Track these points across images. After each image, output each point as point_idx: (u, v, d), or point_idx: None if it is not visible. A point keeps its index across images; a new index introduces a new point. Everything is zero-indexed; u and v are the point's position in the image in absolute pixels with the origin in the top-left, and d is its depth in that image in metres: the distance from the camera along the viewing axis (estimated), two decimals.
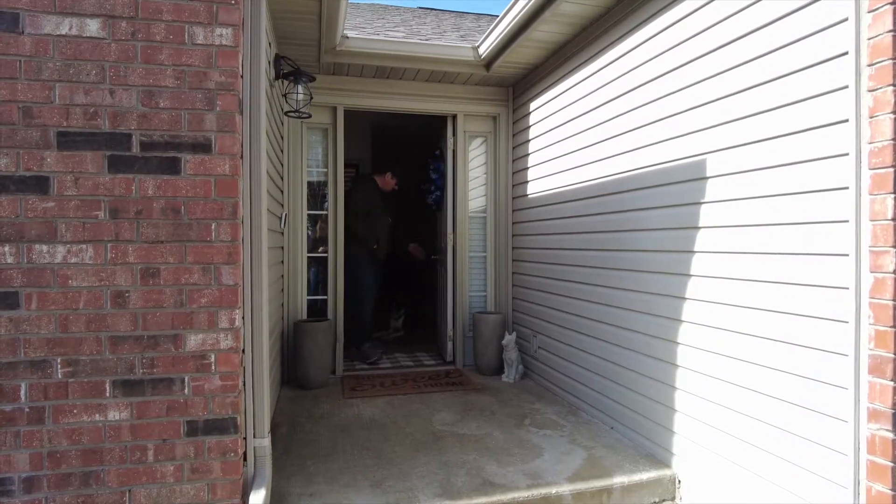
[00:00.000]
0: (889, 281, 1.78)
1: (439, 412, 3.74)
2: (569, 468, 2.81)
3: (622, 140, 3.25)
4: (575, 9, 3.41)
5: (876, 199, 1.82)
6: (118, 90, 2.10)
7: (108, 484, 2.10)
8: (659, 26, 2.92)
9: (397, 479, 2.68)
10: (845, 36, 1.91)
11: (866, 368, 1.86)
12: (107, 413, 2.10)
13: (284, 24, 3.63)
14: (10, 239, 2.02)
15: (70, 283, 2.07)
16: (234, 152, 2.19)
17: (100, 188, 2.09)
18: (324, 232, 4.92)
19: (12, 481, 2.03)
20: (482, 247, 5.22)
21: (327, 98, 4.68)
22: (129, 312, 2.11)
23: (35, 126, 2.03)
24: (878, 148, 1.81)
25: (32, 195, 2.04)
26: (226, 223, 2.18)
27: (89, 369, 2.09)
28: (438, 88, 4.94)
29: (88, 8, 2.06)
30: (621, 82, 3.26)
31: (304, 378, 4.32)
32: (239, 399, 2.23)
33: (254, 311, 2.37)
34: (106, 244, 2.10)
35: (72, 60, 2.06)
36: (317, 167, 4.90)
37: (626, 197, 3.20)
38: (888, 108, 1.78)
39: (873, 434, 1.84)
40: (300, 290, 4.70)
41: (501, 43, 4.10)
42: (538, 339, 4.46)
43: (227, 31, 2.18)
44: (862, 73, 1.86)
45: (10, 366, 2.03)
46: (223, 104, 2.17)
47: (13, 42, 2.01)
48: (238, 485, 2.21)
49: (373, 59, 4.38)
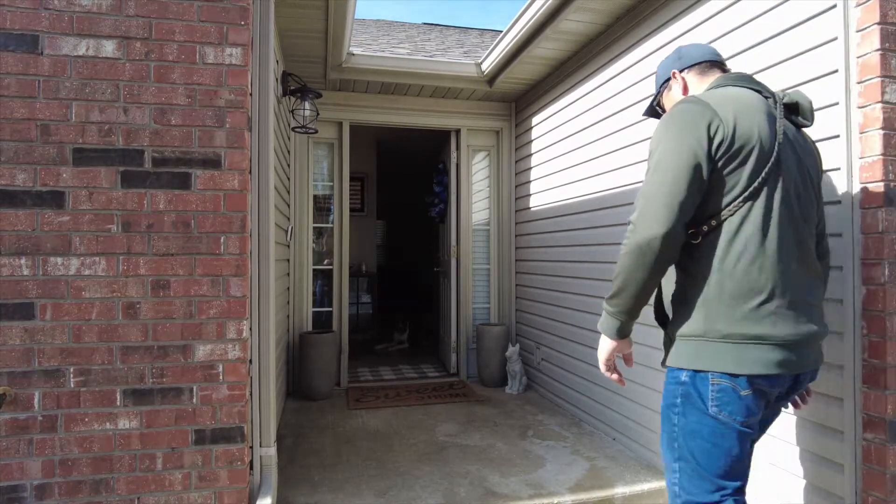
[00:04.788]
0: (881, 292, 1.82)
1: (443, 423, 3.77)
2: (571, 479, 2.83)
3: (623, 154, 3.30)
4: (575, 27, 3.49)
5: (867, 212, 1.87)
6: (132, 108, 2.17)
7: (117, 492, 2.15)
8: (657, 43, 2.99)
9: (401, 489, 2.71)
10: (835, 54, 1.97)
11: (861, 378, 1.89)
12: (117, 422, 2.15)
13: (291, 42, 3.72)
14: (26, 252, 2.09)
15: (83, 294, 2.13)
16: (242, 168, 2.26)
17: (113, 202, 2.16)
18: (329, 245, 4.98)
19: (25, 488, 2.08)
20: (485, 259, 5.27)
21: (333, 113, 4.77)
22: (139, 323, 2.17)
23: (52, 143, 2.11)
24: (869, 163, 1.86)
25: (48, 209, 2.11)
26: (234, 236, 2.24)
27: (101, 378, 2.14)
28: (442, 104, 5.03)
29: (105, 30, 2.15)
30: (621, 98, 3.33)
31: (309, 389, 4.36)
32: (246, 408, 2.27)
33: (261, 322, 2.42)
34: (118, 257, 2.16)
35: (88, 80, 2.14)
36: (322, 181, 4.98)
37: (628, 210, 3.25)
38: (878, 124, 1.83)
39: (869, 444, 1.87)
40: (305, 302, 4.76)
41: (504, 59, 4.19)
42: (541, 350, 4.49)
43: (237, 50, 2.26)
44: (852, 91, 1.91)
45: (25, 375, 2.08)
46: (232, 121, 2.24)
47: (33, 62, 2.09)
48: (244, 493, 2.25)
49: (378, 75, 4.48)
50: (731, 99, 1.54)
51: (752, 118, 1.50)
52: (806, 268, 1.55)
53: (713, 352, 1.48)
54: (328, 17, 3.38)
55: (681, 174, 1.45)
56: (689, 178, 1.45)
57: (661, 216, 1.45)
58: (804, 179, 1.57)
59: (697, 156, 1.45)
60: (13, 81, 2.08)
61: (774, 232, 1.48)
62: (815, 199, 1.62)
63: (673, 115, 1.54)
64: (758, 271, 1.47)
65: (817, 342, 1.58)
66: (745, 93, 1.59)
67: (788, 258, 1.50)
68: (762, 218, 1.47)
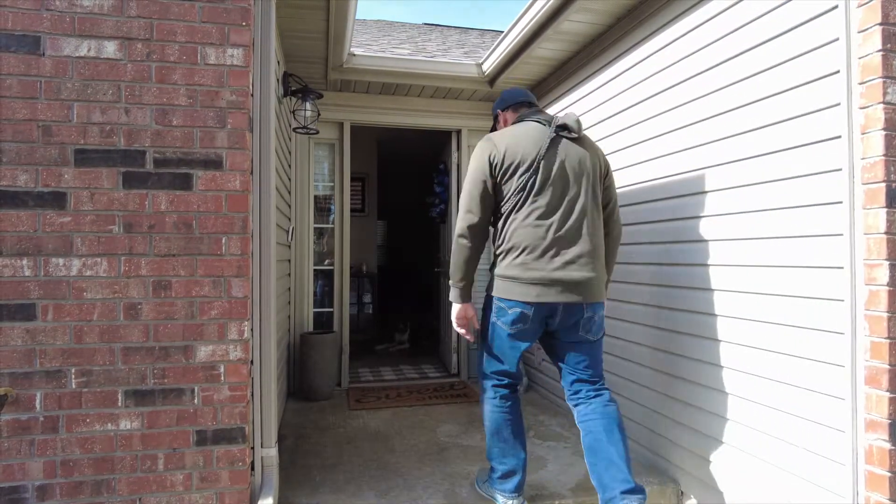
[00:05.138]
0: (883, 293, 1.82)
1: (444, 424, 3.77)
2: (572, 479, 2.83)
3: (625, 154, 3.30)
4: (577, 27, 3.49)
5: (869, 212, 1.87)
6: (133, 109, 2.18)
7: (118, 492, 2.15)
8: (658, 44, 2.99)
9: (402, 489, 2.71)
10: (837, 55, 1.97)
11: (863, 379, 1.89)
12: (118, 422, 2.15)
13: (293, 42, 3.72)
14: (28, 252, 2.09)
15: (85, 295, 2.13)
16: (244, 168, 2.26)
17: (114, 203, 2.16)
18: (330, 245, 4.99)
19: (27, 489, 2.08)
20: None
21: (334, 114, 4.77)
22: (141, 324, 2.17)
23: (54, 144, 2.11)
24: (871, 163, 1.86)
25: (50, 210, 2.11)
26: (236, 237, 2.24)
27: (102, 379, 2.14)
28: (443, 104, 5.03)
29: (106, 30, 2.15)
30: (621, 98, 3.33)
31: (310, 390, 4.36)
32: (247, 409, 2.28)
33: (262, 322, 2.42)
34: (119, 257, 2.16)
35: (89, 81, 2.14)
36: (323, 181, 4.98)
37: (627, 211, 3.25)
38: (879, 124, 1.83)
39: (871, 444, 1.87)
40: (306, 303, 4.76)
41: (505, 60, 4.19)
42: (542, 351, 4.48)
43: (238, 51, 2.26)
44: (853, 91, 1.91)
45: (27, 375, 2.08)
46: (234, 122, 2.25)
47: (34, 63, 2.09)
48: (245, 494, 2.25)
49: (379, 75, 4.48)
50: (509, 133, 2.41)
51: (520, 144, 2.33)
52: (573, 232, 2.30)
53: (497, 285, 2.39)
54: (329, 18, 3.38)
55: (475, 188, 2.35)
56: (481, 190, 2.34)
57: (468, 215, 2.37)
58: (572, 173, 2.34)
59: (484, 174, 2.34)
60: (15, 82, 2.08)
61: (531, 220, 2.30)
62: (589, 184, 2.37)
63: (475, 149, 2.43)
64: (518, 237, 2.31)
65: (582, 284, 2.30)
66: (526, 125, 2.42)
67: (545, 235, 2.28)
68: (523, 210, 2.31)
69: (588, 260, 2.31)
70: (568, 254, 2.28)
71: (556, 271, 2.27)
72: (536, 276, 2.27)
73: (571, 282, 2.28)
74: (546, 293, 2.27)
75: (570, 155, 2.35)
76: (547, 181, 2.29)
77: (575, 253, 2.29)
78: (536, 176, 2.29)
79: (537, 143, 2.32)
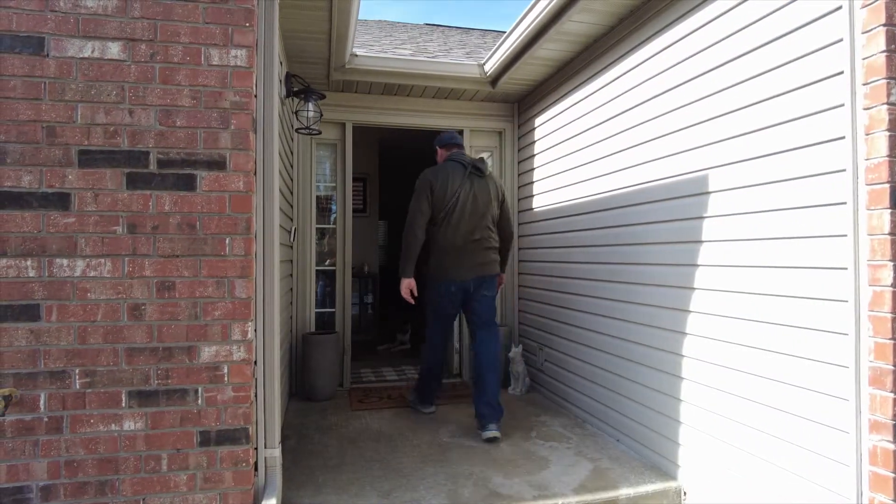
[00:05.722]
0: (887, 294, 1.82)
1: (446, 424, 3.77)
2: (575, 480, 2.83)
3: (626, 155, 3.31)
4: (579, 28, 3.49)
5: (873, 213, 1.87)
6: (137, 110, 2.18)
7: (122, 493, 2.15)
8: (661, 44, 2.99)
9: (405, 489, 2.71)
10: (841, 56, 1.97)
11: (867, 380, 1.89)
12: (122, 423, 2.16)
13: (295, 43, 3.73)
14: (32, 253, 2.09)
15: (89, 296, 2.13)
16: (247, 169, 2.26)
17: (118, 204, 2.16)
18: (332, 245, 4.99)
19: (31, 489, 2.08)
20: None
21: (336, 114, 4.77)
22: (145, 325, 2.17)
23: (58, 144, 2.11)
24: (875, 164, 1.86)
25: (54, 211, 2.11)
26: (239, 238, 2.25)
27: (106, 380, 2.14)
28: (445, 104, 5.04)
29: (110, 32, 2.15)
30: (624, 99, 3.33)
31: (312, 390, 4.36)
32: (251, 410, 2.28)
33: (265, 323, 2.42)
34: (123, 258, 2.16)
35: (93, 82, 2.14)
36: (325, 182, 4.98)
37: (631, 211, 3.25)
38: (883, 125, 1.83)
39: (875, 445, 1.86)
40: (308, 303, 4.77)
41: (507, 60, 4.19)
42: (544, 352, 4.49)
43: (242, 52, 2.26)
44: (857, 92, 1.91)
45: (31, 376, 2.09)
46: (238, 123, 2.25)
47: (39, 64, 2.10)
48: (249, 494, 2.25)
49: (381, 76, 4.48)
50: (441, 168, 3.71)
51: (447, 179, 3.61)
52: (475, 243, 3.63)
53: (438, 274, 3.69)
54: (332, 19, 3.38)
55: (418, 207, 3.60)
56: (423, 209, 3.59)
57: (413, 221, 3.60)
58: (477, 203, 3.63)
59: (426, 199, 3.60)
60: (19, 83, 2.08)
61: (453, 228, 3.59)
62: (486, 211, 3.66)
63: (419, 178, 3.68)
64: (447, 243, 3.61)
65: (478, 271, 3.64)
66: (451, 164, 3.70)
67: (461, 238, 3.60)
68: (449, 222, 3.60)
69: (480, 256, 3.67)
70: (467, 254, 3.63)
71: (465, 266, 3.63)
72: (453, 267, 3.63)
73: (468, 270, 3.63)
74: (457, 277, 3.63)
75: (480, 188, 3.65)
76: (465, 205, 3.59)
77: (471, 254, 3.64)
78: (457, 202, 3.58)
79: (457, 178, 3.61)
